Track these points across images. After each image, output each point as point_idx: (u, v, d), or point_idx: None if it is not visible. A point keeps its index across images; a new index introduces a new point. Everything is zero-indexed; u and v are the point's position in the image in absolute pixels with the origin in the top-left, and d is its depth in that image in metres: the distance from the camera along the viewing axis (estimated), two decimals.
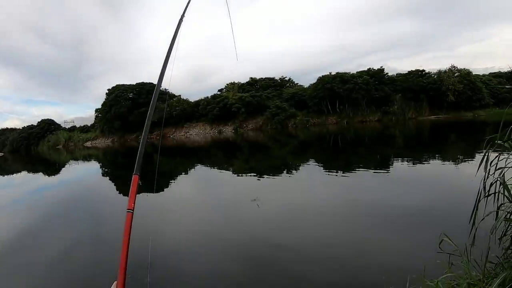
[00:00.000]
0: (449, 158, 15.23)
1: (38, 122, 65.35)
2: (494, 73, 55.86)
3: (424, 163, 14.90)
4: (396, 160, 16.56)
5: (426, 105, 47.50)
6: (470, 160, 13.80)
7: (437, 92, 46.18)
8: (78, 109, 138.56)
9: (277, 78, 61.42)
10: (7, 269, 7.13)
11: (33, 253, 7.94)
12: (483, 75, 52.92)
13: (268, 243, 7.06)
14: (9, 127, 72.68)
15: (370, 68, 49.94)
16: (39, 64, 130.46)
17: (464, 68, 48.03)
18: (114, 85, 56.88)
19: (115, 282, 1.39)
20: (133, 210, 1.46)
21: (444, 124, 35.92)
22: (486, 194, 2.72)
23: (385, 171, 13.94)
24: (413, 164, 15.09)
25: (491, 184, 2.69)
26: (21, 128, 67.04)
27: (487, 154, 2.74)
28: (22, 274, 6.79)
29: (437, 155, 16.55)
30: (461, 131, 28.24)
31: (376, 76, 47.82)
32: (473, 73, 48.91)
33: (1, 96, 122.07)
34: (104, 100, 56.95)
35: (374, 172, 13.65)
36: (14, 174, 28.29)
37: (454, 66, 48.04)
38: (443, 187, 10.33)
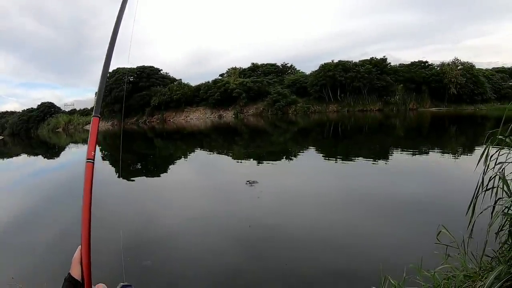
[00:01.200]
0: (448, 151, 15.26)
1: (38, 105, 65.10)
2: (497, 68, 55.59)
3: (423, 155, 14.94)
4: (395, 150, 16.59)
5: (427, 96, 47.35)
6: (469, 154, 13.84)
7: (439, 84, 45.99)
8: (78, 92, 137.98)
9: (279, 64, 61.15)
10: (7, 248, 7.20)
11: (33, 233, 8.02)
12: (486, 70, 52.62)
13: (265, 229, 7.12)
14: (8, 110, 72.21)
15: (372, 57, 49.65)
16: (38, 46, 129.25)
17: (467, 62, 47.76)
18: (114, 68, 56.62)
19: (79, 247, 1.23)
20: (93, 160, 1.25)
21: (445, 116, 35.85)
22: (485, 188, 2.74)
23: (384, 161, 13.98)
24: (413, 155, 15.12)
25: (490, 179, 2.70)
26: (20, 111, 66.78)
27: (487, 148, 2.75)
28: (22, 254, 6.86)
29: (436, 147, 16.57)
30: (461, 125, 28.20)
31: (378, 65, 47.54)
32: (476, 67, 48.64)
33: (0, 79, 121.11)
34: None
35: (373, 162, 13.68)
36: (14, 157, 28.29)
37: (457, 59, 47.74)
38: (442, 179, 10.37)
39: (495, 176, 2.65)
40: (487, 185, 2.73)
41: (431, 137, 21.15)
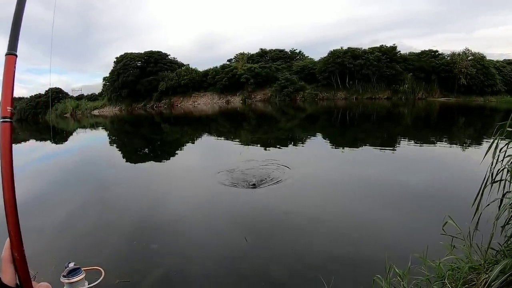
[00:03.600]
0: (456, 142, 15.17)
1: (46, 91, 65.06)
2: (509, 60, 54.50)
3: (431, 145, 14.87)
4: (403, 139, 16.51)
5: (437, 86, 46.79)
6: (477, 146, 13.72)
7: (449, 74, 45.35)
8: (86, 77, 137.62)
9: (287, 50, 60.62)
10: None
11: (41, 217, 8.12)
12: (497, 61, 51.54)
13: (270, 214, 7.16)
14: (16, 96, 72.31)
15: (382, 45, 48.97)
16: (45, 31, 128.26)
17: (478, 52, 46.91)
18: (122, 53, 56.60)
19: (7, 242, 0.90)
20: (11, 118, 0.96)
21: (453, 107, 35.50)
22: (493, 181, 2.73)
23: (392, 150, 13.93)
24: (420, 144, 15.05)
25: (498, 171, 2.70)
26: (28, 97, 66.81)
27: (496, 140, 2.73)
28: (30, 238, 6.96)
29: (444, 138, 16.47)
30: (470, 116, 27.86)
31: (388, 53, 46.97)
32: (487, 58, 47.84)
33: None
34: (112, 68, 56.84)
35: (381, 150, 13.65)
36: (22, 143, 28.50)
37: (468, 49, 46.91)
38: (449, 170, 10.32)
39: (503, 169, 2.64)
40: (494, 177, 2.72)
41: (439, 128, 21.01)
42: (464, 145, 14.39)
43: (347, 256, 5.36)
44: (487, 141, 13.75)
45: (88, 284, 1.45)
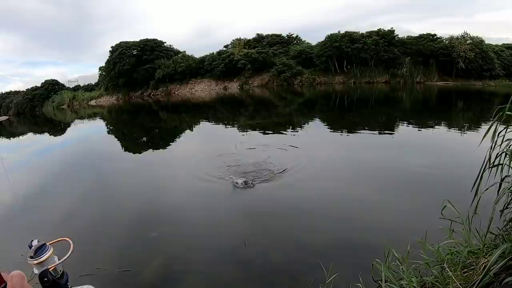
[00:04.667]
0: (455, 126, 15.14)
1: (42, 83, 64.31)
2: (508, 44, 53.98)
3: (429, 129, 14.85)
4: (401, 123, 16.52)
5: (435, 70, 46.46)
6: (476, 130, 13.71)
7: (447, 58, 44.94)
8: (82, 68, 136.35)
9: (284, 34, 60.08)
10: (16, 226, 7.33)
11: (41, 210, 8.15)
12: (496, 45, 51.10)
13: (269, 201, 7.18)
14: (13, 90, 71.60)
15: (380, 28, 48.52)
16: (39, 24, 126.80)
17: (476, 36, 46.51)
18: (117, 42, 56.08)
19: None
20: None
21: (452, 91, 35.38)
22: (491, 165, 2.72)
23: (390, 134, 13.94)
24: (419, 128, 15.06)
25: (497, 155, 2.69)
26: (25, 90, 66.28)
27: (495, 124, 2.71)
28: (31, 231, 6.98)
29: (443, 122, 16.44)
30: (469, 100, 27.71)
31: (386, 37, 46.54)
32: (486, 42, 47.47)
33: (3, 60, 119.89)
34: (107, 58, 56.35)
35: (379, 134, 13.66)
36: (20, 137, 28.36)
37: (467, 33, 46.49)
38: (448, 154, 10.32)
39: (502, 153, 2.63)
40: (493, 162, 2.71)
41: (437, 111, 20.91)
42: (463, 129, 14.37)
43: (346, 241, 5.38)
44: (485, 126, 13.75)
45: (58, 259, 1.38)
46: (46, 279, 1.34)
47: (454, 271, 2.51)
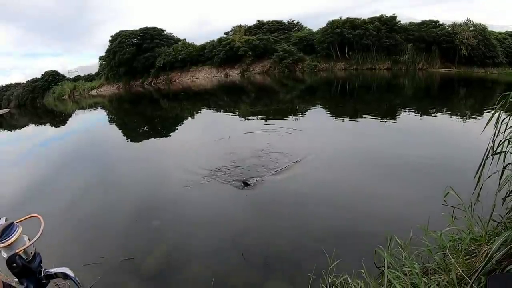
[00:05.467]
0: (457, 113, 15.08)
1: (42, 74, 63.76)
2: (511, 32, 53.39)
3: (431, 116, 14.81)
4: (403, 110, 16.46)
5: (437, 57, 45.94)
6: (478, 118, 13.65)
7: (450, 45, 44.33)
8: (82, 58, 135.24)
9: (285, 21, 59.59)
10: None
11: (45, 201, 8.23)
12: (499, 33, 50.46)
13: (273, 188, 7.19)
14: (13, 82, 71.13)
15: (382, 15, 47.99)
16: (38, 15, 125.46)
17: (479, 23, 45.92)
18: (117, 31, 55.60)
19: None
20: None
21: (454, 78, 35.11)
22: (494, 152, 2.72)
23: (392, 121, 13.91)
24: (420, 115, 15.00)
25: (500, 143, 2.68)
26: (25, 82, 65.92)
27: (499, 112, 2.70)
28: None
29: (445, 109, 16.38)
30: (471, 87, 27.42)
31: (388, 23, 45.97)
32: (489, 30, 46.89)
33: (2, 52, 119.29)
34: (107, 47, 55.96)
35: (381, 121, 13.62)
36: (22, 129, 28.31)
37: (470, 20, 45.87)
38: (450, 141, 10.31)
39: (505, 141, 2.63)
40: (496, 149, 2.71)
41: (440, 99, 20.77)
42: (465, 116, 14.31)
43: (349, 228, 5.42)
44: (487, 113, 13.72)
45: (29, 240, 1.24)
46: (15, 264, 1.21)
47: (456, 257, 2.53)
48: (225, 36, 56.87)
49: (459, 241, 2.79)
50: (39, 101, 59.25)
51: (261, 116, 16.64)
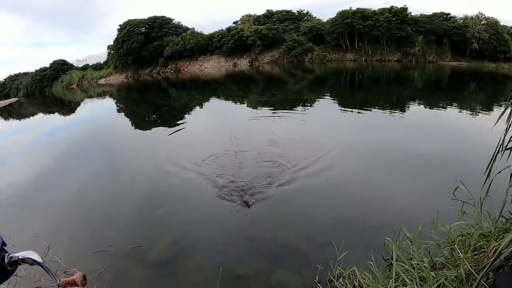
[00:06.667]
0: (467, 107, 14.91)
1: (50, 63, 63.74)
2: None
3: (441, 109, 14.69)
4: (412, 103, 16.33)
5: (448, 50, 45.29)
6: (488, 112, 13.51)
7: (461, 38, 43.63)
8: (90, 47, 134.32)
9: (294, 11, 59.11)
10: (29, 206, 7.50)
11: (53, 190, 8.35)
12: (511, 27, 49.81)
13: (280, 178, 7.18)
14: (22, 71, 71.28)
15: (392, 6, 47.41)
16: (46, 5, 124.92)
17: (491, 17, 45.12)
18: (125, 20, 55.44)
19: None
20: None
21: (465, 71, 34.63)
22: (505, 148, 2.71)
23: (401, 113, 13.81)
24: (430, 108, 14.87)
25: (511, 138, 2.68)
26: (33, 71, 66.08)
27: (511, 107, 2.69)
28: (43, 210, 7.16)
29: (455, 103, 16.22)
30: (481, 82, 26.99)
31: (398, 14, 45.34)
32: (501, 24, 46.07)
33: (11, 42, 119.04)
34: (116, 36, 55.96)
35: (390, 113, 13.54)
36: (31, 117, 28.45)
37: (482, 13, 45.08)
38: (460, 135, 10.23)
39: None
40: (507, 144, 2.70)
41: (450, 92, 20.52)
42: (475, 111, 14.15)
43: (358, 220, 5.44)
44: (497, 108, 13.59)
45: None
46: None
47: (465, 253, 2.54)
48: (234, 25, 56.54)
49: (468, 236, 2.80)
50: (48, 90, 59.46)
51: (269, 106, 16.62)
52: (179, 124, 14.56)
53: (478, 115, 13.33)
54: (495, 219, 2.79)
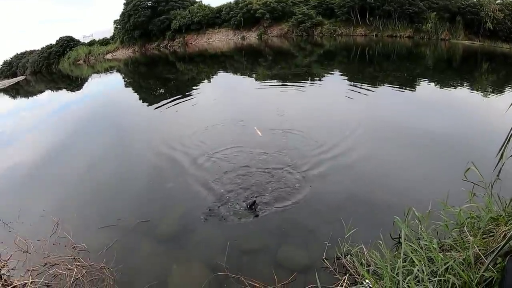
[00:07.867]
0: (479, 88, 14.53)
1: (57, 40, 63.24)
2: None
3: (452, 89, 14.43)
4: (423, 80, 16.02)
5: (461, 28, 44.07)
6: (501, 94, 13.21)
7: (474, 17, 42.48)
8: (96, 22, 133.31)
9: None
10: (37, 182, 7.65)
11: (61, 166, 8.44)
12: None
13: (291, 156, 7.13)
14: (28, 49, 70.70)
15: None
16: None
17: None
18: None
19: None
20: None
21: (477, 51, 33.81)
22: None
23: (412, 91, 13.59)
24: (441, 87, 14.60)
25: None
26: (40, 48, 65.58)
27: None
28: (51, 187, 7.29)
29: (467, 83, 15.88)
30: (494, 62, 26.07)
31: None
32: None
33: (17, 19, 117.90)
34: (122, 11, 55.27)
35: (400, 91, 13.35)
36: (38, 95, 28.37)
37: None
38: (473, 116, 10.03)
39: None
40: None
41: (462, 71, 20.02)
42: (488, 91, 13.81)
43: (367, 198, 5.44)
44: (509, 90, 13.35)
45: None
46: None
47: (474, 235, 2.54)
48: None
49: (477, 219, 2.80)
50: (55, 67, 59.21)
51: (277, 80, 16.49)
52: (186, 99, 14.47)
53: (490, 96, 13.05)
54: (506, 203, 2.77)
